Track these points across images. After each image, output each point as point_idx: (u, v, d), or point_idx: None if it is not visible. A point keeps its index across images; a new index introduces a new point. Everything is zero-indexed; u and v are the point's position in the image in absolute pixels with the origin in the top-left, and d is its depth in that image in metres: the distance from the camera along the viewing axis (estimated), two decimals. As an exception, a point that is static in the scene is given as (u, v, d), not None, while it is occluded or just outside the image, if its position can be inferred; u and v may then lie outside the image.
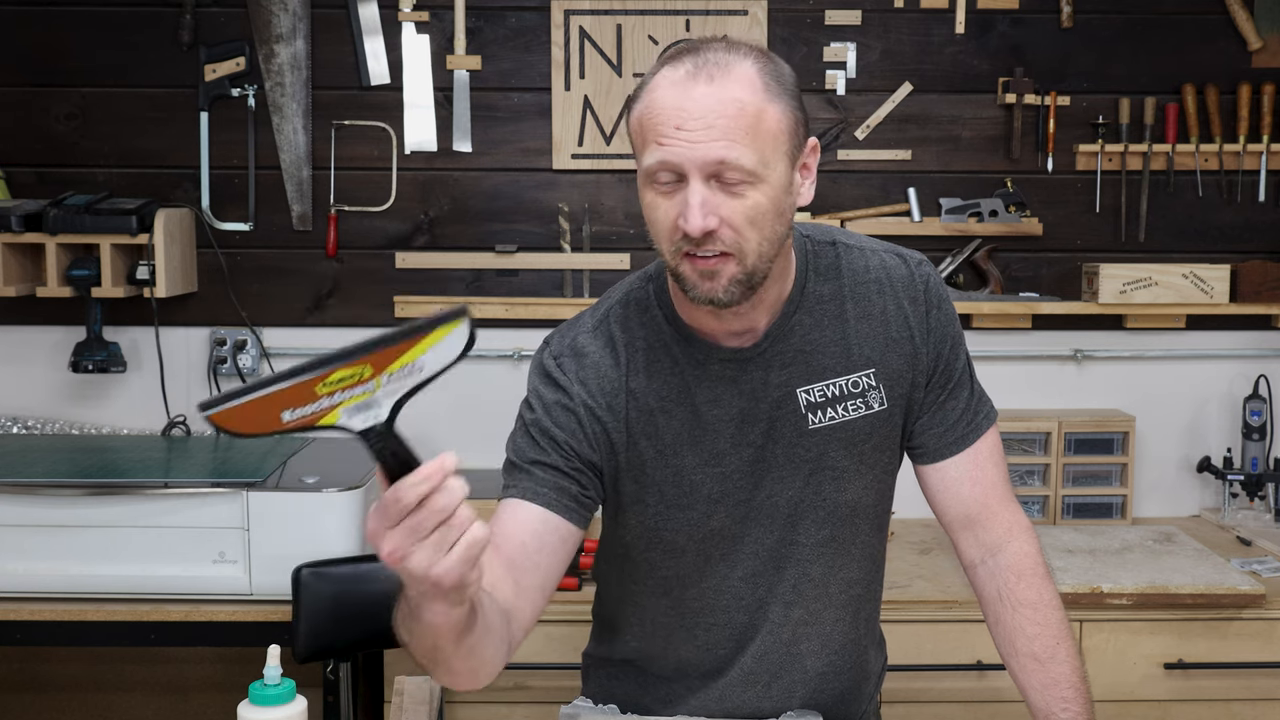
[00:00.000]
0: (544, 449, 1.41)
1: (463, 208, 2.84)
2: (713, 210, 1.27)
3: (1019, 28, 2.83)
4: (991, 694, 2.32)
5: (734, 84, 1.26)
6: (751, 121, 1.26)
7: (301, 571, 2.19)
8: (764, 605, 1.51)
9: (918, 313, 1.48)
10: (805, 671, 1.55)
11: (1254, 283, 2.79)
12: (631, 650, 1.62)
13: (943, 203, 2.81)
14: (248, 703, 1.34)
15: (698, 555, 1.49)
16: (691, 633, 1.54)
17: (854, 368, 1.45)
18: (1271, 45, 2.82)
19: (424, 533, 1.00)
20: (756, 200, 1.28)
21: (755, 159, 1.26)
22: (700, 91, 1.26)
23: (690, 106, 1.25)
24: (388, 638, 2.25)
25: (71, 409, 2.87)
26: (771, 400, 1.44)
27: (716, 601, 1.52)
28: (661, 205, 1.31)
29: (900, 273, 1.48)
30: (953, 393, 1.51)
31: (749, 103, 1.26)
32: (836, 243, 1.49)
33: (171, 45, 2.78)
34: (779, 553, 1.49)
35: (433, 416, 2.81)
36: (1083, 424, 2.79)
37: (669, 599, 1.53)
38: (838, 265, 1.47)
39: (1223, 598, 2.30)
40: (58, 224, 2.60)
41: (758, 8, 2.78)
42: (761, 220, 1.29)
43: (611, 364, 1.44)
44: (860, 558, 1.55)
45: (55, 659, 2.81)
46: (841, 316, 1.46)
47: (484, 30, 2.81)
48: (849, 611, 1.56)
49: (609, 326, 1.47)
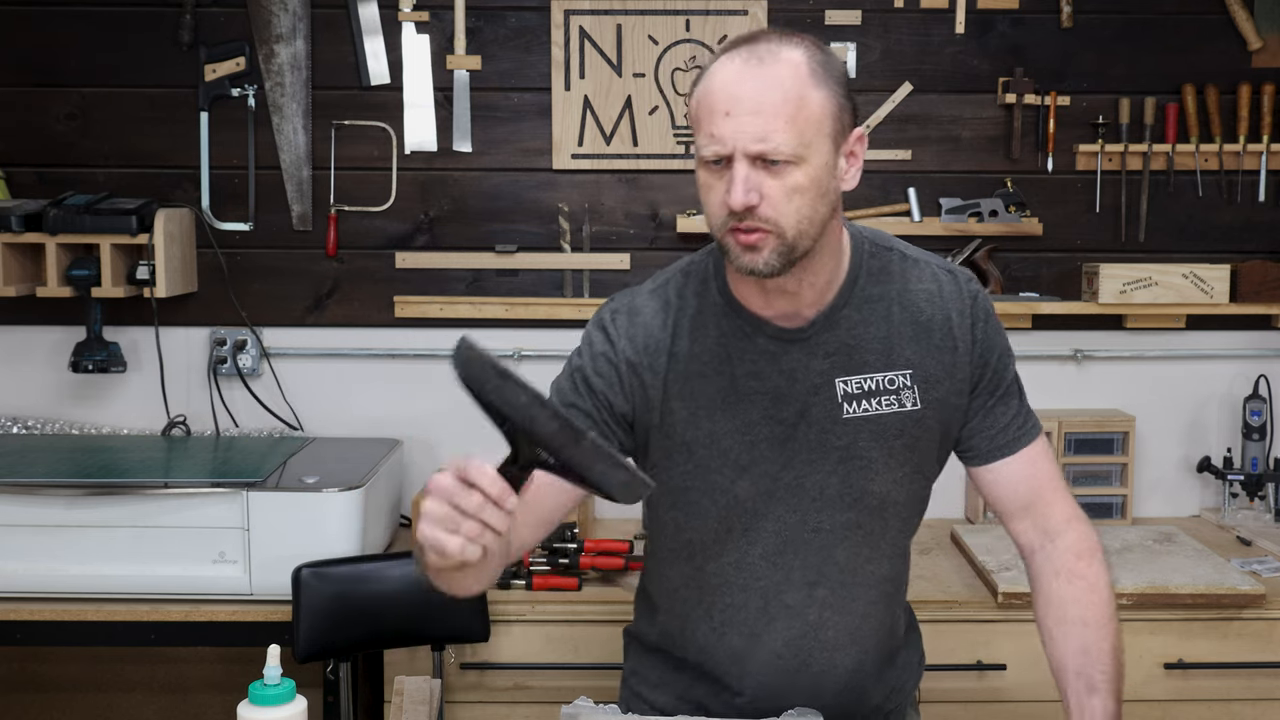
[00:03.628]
0: (581, 394, 1.52)
1: (463, 208, 2.84)
2: (755, 188, 1.35)
3: (1019, 28, 2.83)
4: (991, 694, 2.32)
5: (780, 70, 1.35)
6: (794, 108, 1.35)
7: (301, 571, 2.19)
8: (782, 590, 1.54)
9: (963, 324, 1.53)
10: (835, 666, 1.57)
11: (1254, 283, 2.78)
12: (658, 633, 1.66)
13: (943, 203, 2.81)
14: (248, 703, 1.34)
15: (719, 523, 1.53)
16: (709, 611, 1.57)
17: (893, 366, 1.51)
18: (1271, 45, 2.82)
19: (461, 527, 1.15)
20: (797, 180, 1.36)
21: (795, 143, 1.35)
22: (748, 80, 1.35)
23: (738, 93, 1.35)
24: (388, 638, 2.28)
25: (71, 409, 2.87)
26: (810, 385, 1.49)
27: (735, 578, 1.55)
28: (714, 185, 1.39)
29: (950, 287, 1.55)
30: (1002, 399, 1.57)
31: (791, 89, 1.35)
32: (894, 249, 1.56)
33: (171, 45, 2.78)
34: (801, 536, 1.53)
35: (434, 416, 2.81)
36: (1083, 424, 2.79)
37: (691, 566, 1.57)
38: (891, 271, 1.54)
39: (1223, 598, 2.30)
40: (58, 224, 2.59)
41: (758, 8, 2.78)
42: (801, 198, 1.37)
43: (660, 325, 1.52)
44: (890, 554, 1.58)
45: (55, 659, 2.80)
46: (888, 318, 1.51)
47: (484, 30, 2.81)
48: (880, 606, 1.59)
49: (667, 291, 1.56)
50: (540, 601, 2.34)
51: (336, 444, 2.71)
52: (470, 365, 1.16)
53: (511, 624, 2.33)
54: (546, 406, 1.14)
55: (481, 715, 2.35)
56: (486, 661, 2.33)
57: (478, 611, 2.26)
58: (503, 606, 2.33)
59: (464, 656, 2.33)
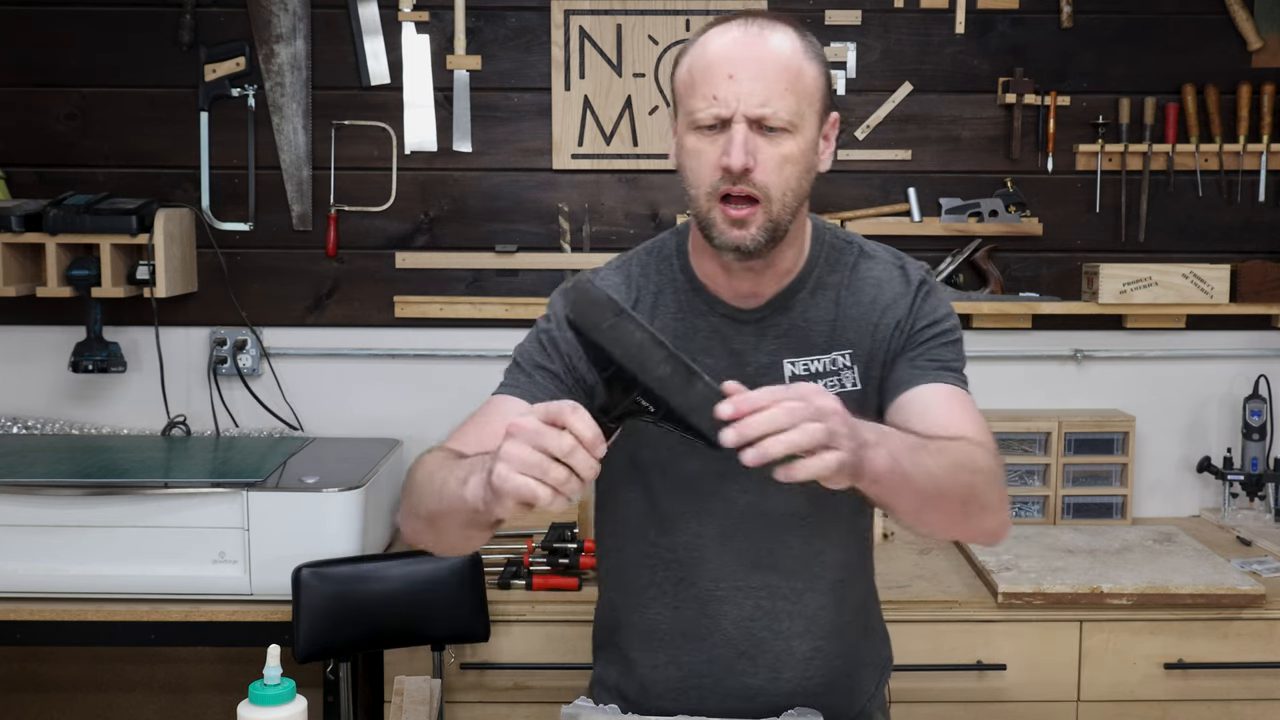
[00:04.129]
0: (549, 355, 1.54)
1: (463, 208, 2.84)
2: (752, 151, 1.38)
3: (1019, 28, 2.83)
4: (991, 694, 2.32)
5: (779, 41, 1.40)
6: (794, 75, 1.39)
7: (301, 571, 2.19)
8: (733, 572, 1.54)
9: (903, 304, 1.53)
10: (792, 653, 1.56)
11: (1254, 283, 2.78)
12: (611, 619, 1.65)
13: (943, 203, 2.81)
14: (248, 703, 1.34)
15: (673, 500, 1.54)
16: (662, 588, 1.57)
17: (835, 347, 1.52)
18: (1271, 45, 2.82)
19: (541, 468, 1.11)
20: (789, 149, 1.40)
21: (793, 110, 1.39)
22: (750, 46, 1.39)
23: (741, 56, 1.39)
24: (388, 638, 2.28)
25: (71, 409, 2.87)
26: (758, 365, 1.51)
27: (688, 557, 1.55)
28: (705, 149, 1.41)
29: (897, 274, 1.56)
30: (930, 345, 1.51)
31: (792, 58, 1.40)
32: (854, 243, 1.59)
33: (171, 45, 2.78)
34: (751, 519, 1.53)
35: (434, 416, 2.81)
36: (1083, 424, 2.79)
37: (645, 542, 1.57)
38: (846, 260, 1.56)
39: (1223, 598, 2.30)
40: (58, 224, 2.59)
41: (757, 8, 2.78)
42: (791, 168, 1.40)
43: (622, 298, 1.54)
44: (842, 541, 1.58)
45: (55, 659, 2.80)
46: (836, 302, 1.54)
47: (484, 30, 2.81)
48: (834, 595, 1.58)
49: (629, 267, 1.59)
50: (540, 601, 2.34)
51: (336, 444, 2.71)
52: (583, 303, 1.13)
53: (511, 624, 2.33)
54: (663, 346, 1.09)
55: (481, 715, 2.35)
56: (486, 661, 2.33)
57: (478, 611, 2.26)
58: (503, 606, 2.33)
59: (464, 656, 2.33)
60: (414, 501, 1.40)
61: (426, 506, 1.36)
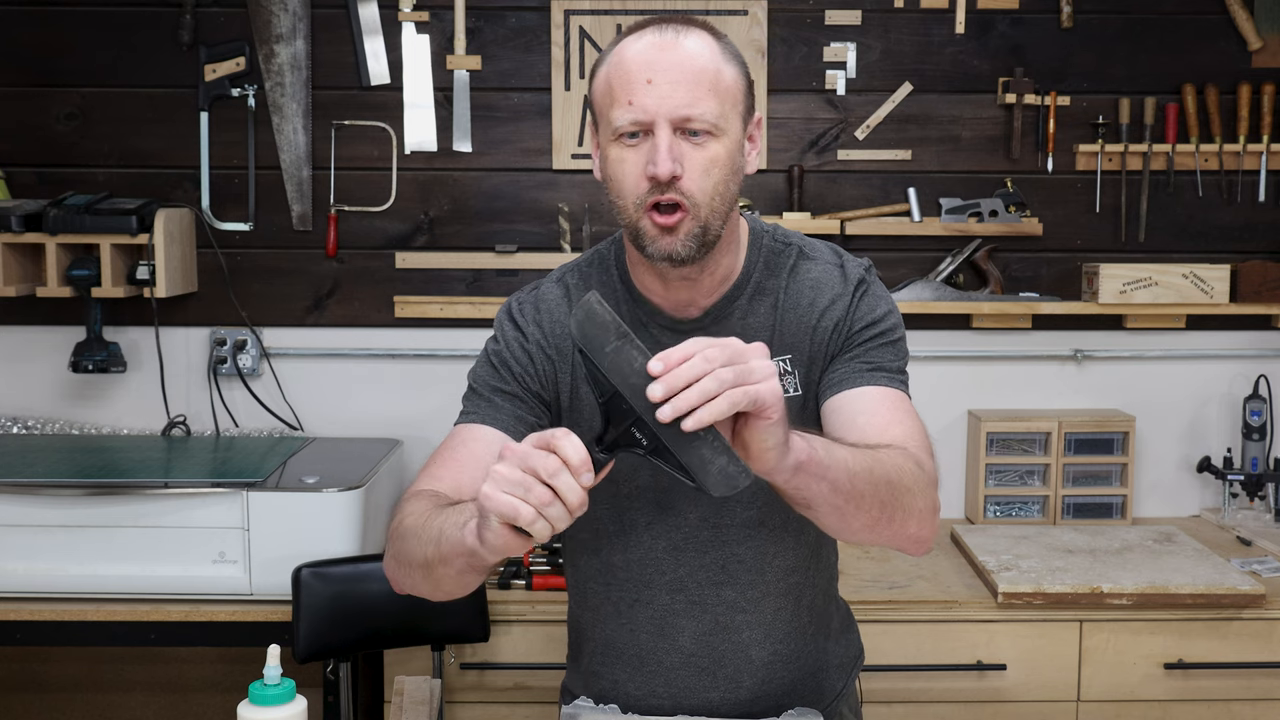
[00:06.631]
0: (504, 379, 1.53)
1: (463, 208, 2.84)
2: (678, 158, 1.37)
3: (1019, 28, 2.83)
4: (991, 694, 2.32)
5: (695, 44, 1.39)
6: (713, 77, 1.38)
7: (301, 571, 2.20)
8: (686, 585, 1.54)
9: (840, 305, 1.51)
10: (750, 661, 1.56)
11: (1254, 283, 2.79)
12: (576, 632, 1.66)
13: (943, 203, 2.81)
14: (248, 703, 1.34)
15: (624, 514, 1.53)
16: (617, 607, 1.57)
17: (775, 353, 1.50)
18: (1271, 45, 2.82)
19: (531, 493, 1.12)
20: (716, 152, 1.38)
21: (716, 113, 1.38)
22: (667, 51, 1.38)
23: (659, 61, 1.37)
24: (388, 638, 2.28)
25: (71, 409, 2.87)
26: None
27: (641, 575, 1.55)
28: (629, 158, 1.39)
29: (835, 275, 1.53)
30: (868, 346, 1.49)
31: (709, 60, 1.39)
32: (792, 244, 1.56)
33: (171, 45, 2.78)
34: (703, 532, 1.53)
35: (434, 416, 2.81)
36: (1083, 424, 2.79)
37: (599, 559, 1.57)
38: (784, 264, 1.54)
39: (1223, 598, 2.30)
40: (58, 224, 2.59)
41: (758, 8, 2.78)
42: (719, 172, 1.39)
43: (565, 312, 1.55)
44: (795, 545, 1.56)
45: (55, 659, 2.81)
46: (776, 307, 1.52)
47: (484, 30, 2.81)
48: (790, 600, 1.57)
49: (568, 280, 1.58)
50: (540, 601, 2.34)
51: (336, 444, 2.71)
52: (588, 324, 1.10)
53: (511, 624, 2.33)
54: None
55: (481, 715, 2.35)
56: (486, 661, 2.33)
57: (478, 611, 2.26)
58: (503, 606, 2.33)
59: (464, 656, 2.33)
60: (408, 549, 1.37)
61: (423, 554, 1.33)
